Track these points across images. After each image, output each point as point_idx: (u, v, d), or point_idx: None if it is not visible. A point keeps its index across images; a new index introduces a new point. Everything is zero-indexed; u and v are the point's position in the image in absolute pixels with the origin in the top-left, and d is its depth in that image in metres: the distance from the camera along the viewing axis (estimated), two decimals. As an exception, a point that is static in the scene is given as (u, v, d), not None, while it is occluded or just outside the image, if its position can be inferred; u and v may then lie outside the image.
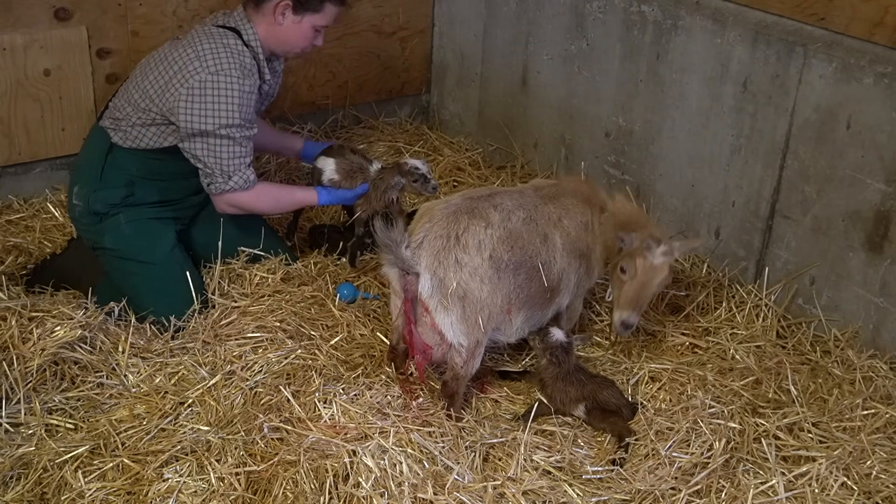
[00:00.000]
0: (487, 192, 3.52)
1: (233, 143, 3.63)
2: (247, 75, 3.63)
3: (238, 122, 3.61)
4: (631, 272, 3.41)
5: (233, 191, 3.71)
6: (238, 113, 3.60)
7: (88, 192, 3.78)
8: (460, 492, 2.91)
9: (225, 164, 3.66)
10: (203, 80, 3.56)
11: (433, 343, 3.24)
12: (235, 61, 3.60)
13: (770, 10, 3.85)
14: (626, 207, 3.58)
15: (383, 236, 3.15)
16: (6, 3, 4.21)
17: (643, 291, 3.42)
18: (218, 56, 3.59)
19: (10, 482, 3.01)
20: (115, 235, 3.78)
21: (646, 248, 3.37)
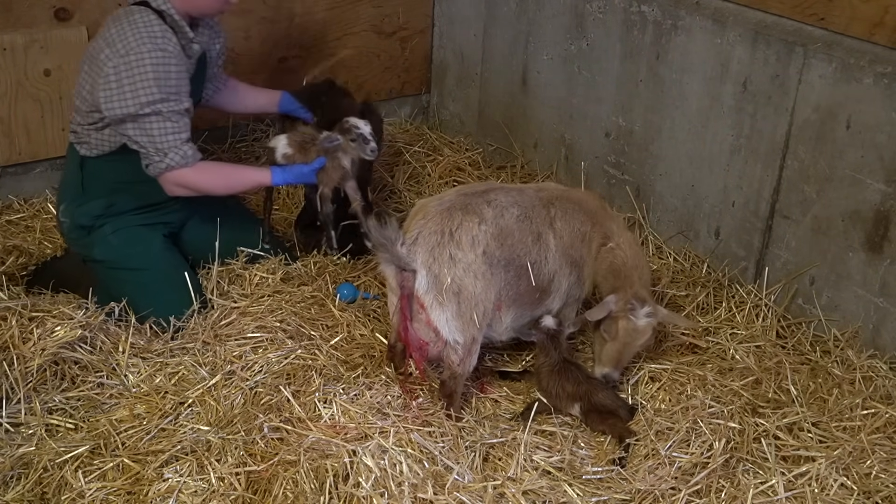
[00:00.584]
0: (483, 187, 3.52)
1: (161, 119, 3.51)
2: (160, 46, 3.49)
3: (159, 97, 3.48)
4: (612, 334, 3.42)
5: (171, 168, 3.58)
6: (156, 88, 3.46)
7: (73, 207, 3.79)
8: (460, 492, 2.91)
9: (158, 142, 3.53)
10: (115, 66, 3.46)
11: (429, 340, 3.25)
12: (143, 35, 3.47)
13: (770, 10, 3.85)
14: (626, 251, 3.53)
15: (378, 235, 3.15)
16: (6, 3, 4.21)
17: (625, 351, 3.45)
18: (124, 37, 3.48)
19: (11, 482, 3.01)
20: (104, 247, 3.76)
21: (629, 310, 3.37)
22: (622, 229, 3.62)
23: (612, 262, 3.53)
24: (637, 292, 3.41)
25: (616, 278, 3.49)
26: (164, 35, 3.52)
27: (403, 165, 5.11)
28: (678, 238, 4.35)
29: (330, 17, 5.14)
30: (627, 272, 3.49)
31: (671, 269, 4.22)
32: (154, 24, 3.52)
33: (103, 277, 3.79)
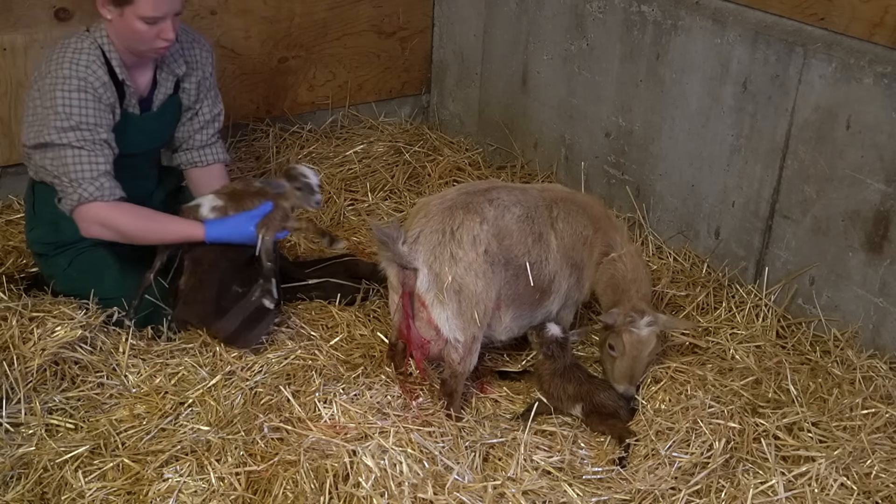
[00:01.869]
0: (486, 186, 3.52)
1: (76, 149, 3.35)
2: (78, 74, 3.36)
3: (74, 125, 3.34)
4: (619, 349, 3.41)
5: (84, 201, 3.37)
6: (73, 112, 3.33)
7: (28, 231, 3.75)
8: (460, 492, 2.91)
9: (72, 172, 3.36)
10: (37, 89, 3.40)
11: (430, 338, 3.25)
12: (64, 61, 3.36)
13: (770, 10, 3.85)
14: (627, 264, 3.53)
15: (379, 233, 3.15)
16: (6, 3, 4.21)
17: (636, 364, 3.44)
18: (50, 62, 3.39)
19: (11, 482, 3.01)
20: (65, 280, 3.65)
21: (630, 323, 3.37)
22: (626, 240, 3.61)
23: (612, 275, 3.52)
24: (635, 305, 3.42)
25: (615, 292, 3.50)
26: (89, 66, 3.40)
27: (403, 165, 5.11)
28: (678, 238, 4.35)
29: (330, 17, 5.14)
30: (626, 286, 3.49)
31: (671, 269, 4.22)
32: (83, 53, 3.40)
33: None
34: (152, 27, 3.38)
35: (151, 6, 3.34)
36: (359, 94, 5.44)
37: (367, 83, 5.44)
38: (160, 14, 3.37)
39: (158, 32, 3.40)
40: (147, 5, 3.33)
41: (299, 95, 5.23)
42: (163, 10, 3.37)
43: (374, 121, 5.48)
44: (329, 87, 5.31)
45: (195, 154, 3.90)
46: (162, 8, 3.36)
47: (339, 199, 4.70)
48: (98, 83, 3.42)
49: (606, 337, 3.48)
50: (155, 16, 3.36)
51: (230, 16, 4.79)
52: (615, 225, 3.67)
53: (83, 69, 3.39)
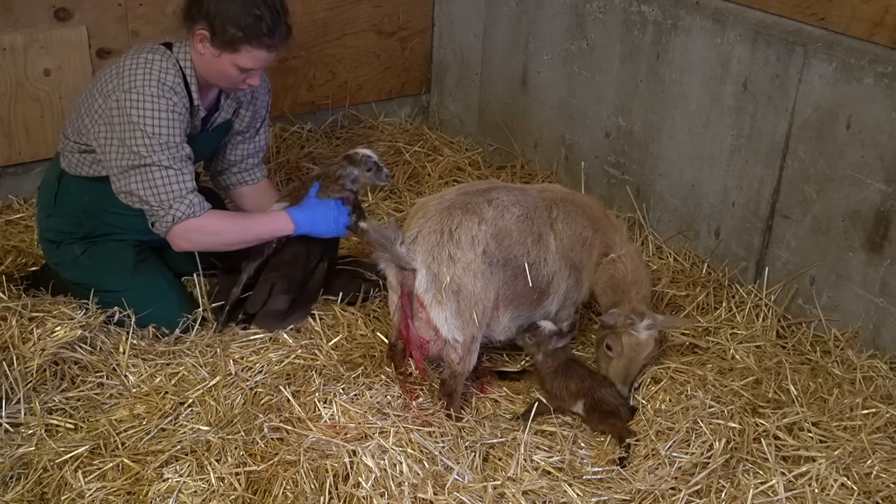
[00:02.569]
0: (485, 186, 3.52)
1: (165, 169, 3.35)
2: (166, 93, 3.35)
3: (164, 143, 3.33)
4: (617, 350, 3.41)
5: (178, 220, 3.39)
6: (163, 131, 3.33)
7: (42, 217, 3.73)
8: (460, 492, 2.91)
9: (163, 194, 3.36)
10: (116, 101, 3.35)
11: (429, 338, 3.25)
12: (154, 79, 3.34)
13: (770, 10, 3.85)
14: (627, 265, 3.53)
15: (377, 235, 3.15)
16: (6, 3, 4.21)
17: (631, 366, 3.44)
18: (134, 76, 3.34)
19: (10, 482, 3.01)
20: (76, 269, 3.65)
21: (630, 325, 3.37)
22: (625, 241, 3.61)
23: (612, 276, 3.53)
24: (635, 307, 3.42)
25: (615, 293, 3.50)
26: (175, 86, 3.40)
27: (403, 165, 5.11)
28: (678, 238, 4.35)
29: (330, 17, 5.14)
30: (626, 287, 3.49)
31: (671, 269, 4.22)
32: (168, 73, 3.39)
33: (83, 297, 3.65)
34: (245, 74, 3.45)
35: (252, 60, 3.39)
36: (359, 94, 5.44)
37: (367, 83, 5.44)
38: (256, 67, 3.44)
39: (246, 78, 3.47)
40: (248, 59, 3.38)
41: (299, 95, 5.23)
42: (260, 64, 3.44)
43: (374, 121, 5.49)
44: (329, 87, 5.31)
45: (247, 175, 3.99)
46: (261, 63, 3.43)
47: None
48: (182, 102, 3.43)
49: (604, 337, 3.48)
50: (251, 68, 3.43)
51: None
52: (614, 225, 3.67)
53: (169, 88, 3.38)
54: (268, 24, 3.33)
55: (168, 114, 3.36)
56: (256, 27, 3.32)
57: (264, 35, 3.34)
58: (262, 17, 3.32)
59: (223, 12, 3.31)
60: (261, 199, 3.97)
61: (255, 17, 3.31)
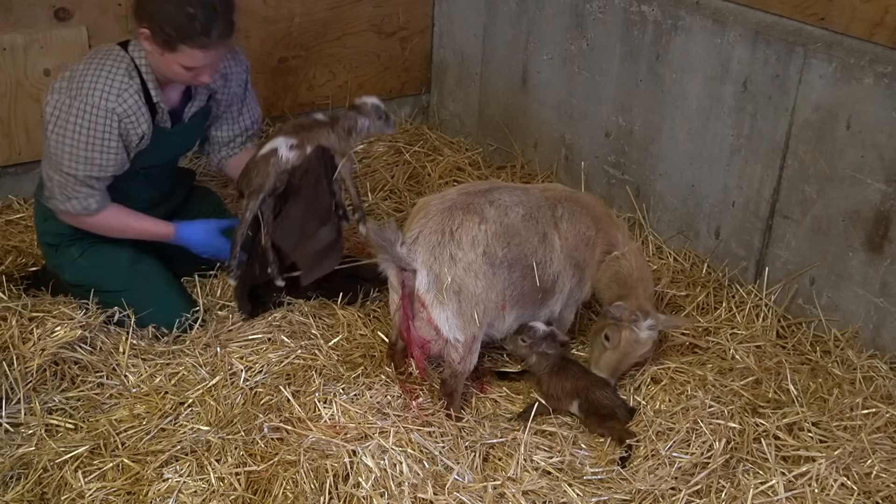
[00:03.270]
0: (486, 186, 3.52)
1: (80, 182, 3.43)
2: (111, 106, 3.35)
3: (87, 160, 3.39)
4: (614, 342, 3.41)
5: (67, 213, 3.50)
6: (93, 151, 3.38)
7: (39, 221, 3.73)
8: (460, 492, 2.91)
9: (69, 192, 3.45)
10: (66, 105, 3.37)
11: (430, 338, 3.25)
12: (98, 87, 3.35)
13: (770, 10, 3.85)
14: (632, 262, 3.54)
15: (377, 237, 3.15)
16: (6, 3, 4.21)
17: (623, 361, 3.45)
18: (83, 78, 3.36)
19: (10, 482, 3.01)
20: (75, 271, 3.66)
21: (633, 321, 3.37)
22: (627, 239, 3.62)
23: (617, 272, 3.53)
24: (641, 305, 3.42)
25: (621, 287, 3.50)
26: (121, 94, 3.38)
27: (403, 165, 5.11)
28: (678, 238, 4.35)
29: (330, 17, 5.14)
30: (633, 283, 3.50)
31: (671, 269, 4.22)
32: (116, 78, 3.38)
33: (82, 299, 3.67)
34: (191, 72, 3.41)
35: (192, 59, 3.35)
36: (359, 93, 5.39)
37: (367, 83, 5.44)
38: (198, 66, 3.39)
39: (195, 75, 3.43)
40: (188, 58, 3.34)
41: (299, 95, 5.23)
42: (201, 63, 3.39)
43: (374, 121, 5.48)
44: (329, 87, 5.31)
45: (234, 150, 3.97)
46: (201, 61, 3.38)
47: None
48: (128, 112, 3.41)
49: (604, 326, 3.47)
50: (195, 66, 3.39)
51: (230, 16, 4.79)
52: (616, 223, 3.68)
53: (114, 98, 3.37)
54: (201, 23, 3.26)
55: (105, 130, 3.38)
56: (190, 27, 3.26)
57: (198, 34, 3.27)
58: (195, 16, 3.25)
59: (159, 12, 3.27)
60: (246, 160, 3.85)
61: (188, 17, 3.25)
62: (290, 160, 3.53)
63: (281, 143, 3.55)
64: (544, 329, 3.47)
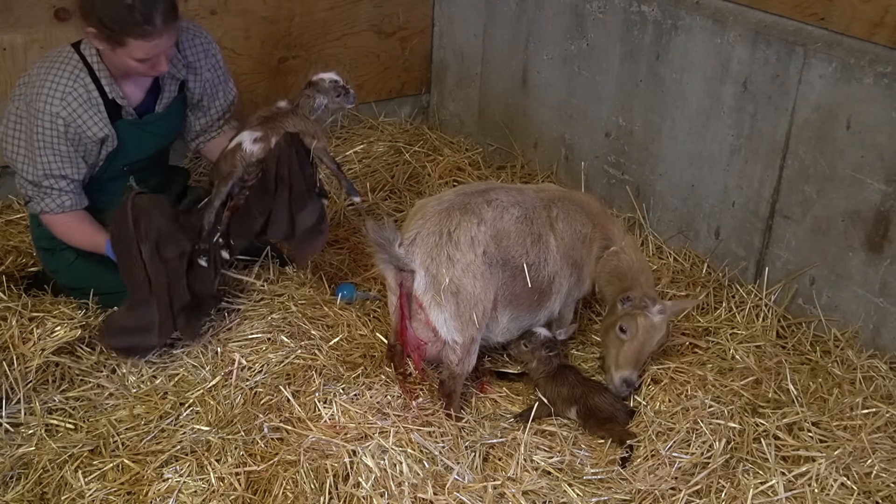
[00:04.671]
0: (483, 187, 3.53)
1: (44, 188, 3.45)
2: (55, 110, 3.34)
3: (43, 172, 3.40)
4: (632, 331, 3.40)
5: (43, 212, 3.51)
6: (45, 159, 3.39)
7: (34, 226, 3.73)
8: (460, 492, 2.91)
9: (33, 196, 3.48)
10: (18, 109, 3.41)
11: (428, 339, 3.25)
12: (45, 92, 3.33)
13: (770, 10, 3.85)
14: (631, 255, 3.55)
15: (376, 236, 3.15)
16: (6, 3, 4.21)
17: (643, 350, 3.43)
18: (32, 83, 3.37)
19: (10, 482, 3.01)
20: (71, 274, 3.66)
21: (644, 308, 3.38)
22: (623, 233, 3.64)
23: (616, 266, 3.54)
24: (647, 293, 3.43)
25: (622, 281, 3.50)
26: (65, 97, 3.35)
27: (403, 165, 5.11)
28: (678, 238, 4.35)
29: (330, 17, 5.14)
30: (634, 275, 3.50)
31: (671, 269, 4.22)
32: (62, 80, 3.36)
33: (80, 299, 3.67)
34: (145, 63, 3.36)
35: (142, 51, 3.30)
36: (359, 94, 5.36)
37: (367, 83, 5.44)
38: (150, 56, 3.34)
39: (152, 66, 3.38)
40: (138, 50, 3.29)
41: (299, 95, 5.23)
42: (153, 52, 3.33)
43: (374, 121, 5.48)
44: (329, 87, 5.30)
45: (212, 134, 3.94)
46: (152, 51, 3.32)
47: (338, 199, 4.70)
48: (74, 116, 3.38)
49: (616, 320, 3.46)
50: (147, 57, 3.34)
51: (230, 16, 4.79)
52: (612, 219, 3.71)
53: (58, 103, 3.35)
54: (141, 12, 3.21)
55: (53, 138, 3.38)
56: (131, 18, 3.21)
57: (139, 24, 3.22)
58: (133, 6, 3.20)
59: (99, 8, 3.23)
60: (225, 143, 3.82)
61: (126, 8, 3.20)
62: (255, 153, 3.51)
63: (245, 138, 3.54)
64: (545, 335, 3.47)
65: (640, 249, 3.76)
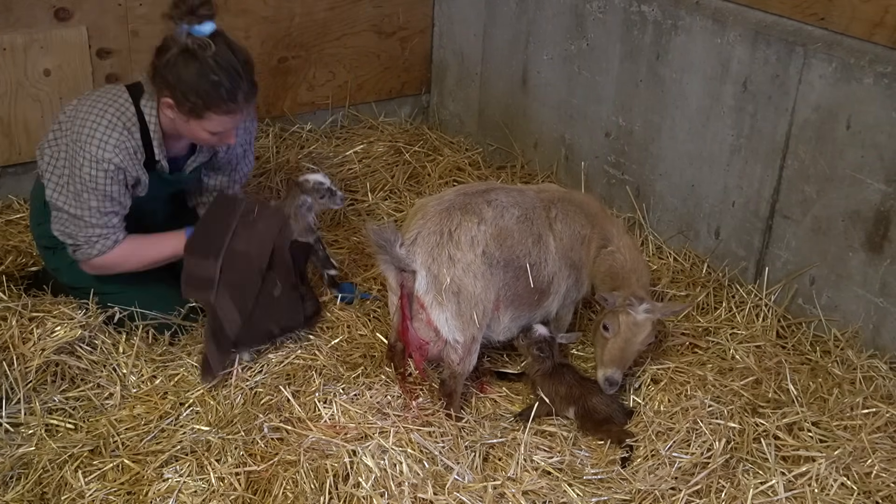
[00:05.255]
0: (483, 187, 3.53)
1: (92, 225, 3.38)
2: (107, 157, 3.29)
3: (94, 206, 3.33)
4: (614, 329, 3.40)
5: (96, 255, 3.43)
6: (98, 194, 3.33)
7: (35, 224, 3.72)
8: (460, 492, 2.91)
9: (82, 238, 3.40)
10: (68, 145, 3.34)
11: (429, 339, 3.25)
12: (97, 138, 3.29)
13: (770, 10, 3.85)
14: (626, 255, 3.55)
15: (377, 237, 3.15)
16: (6, 3, 4.21)
17: (627, 348, 3.42)
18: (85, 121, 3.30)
19: (10, 482, 3.01)
20: (72, 273, 3.62)
21: (628, 306, 3.37)
22: (621, 233, 3.63)
23: (611, 265, 3.54)
24: (635, 292, 3.42)
25: (614, 280, 3.51)
26: (118, 146, 3.31)
27: (403, 165, 5.11)
28: (678, 238, 4.35)
29: (330, 17, 5.14)
30: (626, 274, 3.50)
31: (671, 269, 4.22)
32: (115, 130, 3.32)
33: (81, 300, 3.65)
34: (217, 136, 3.39)
35: (219, 125, 3.33)
36: (359, 94, 5.44)
37: (367, 83, 5.44)
38: (225, 130, 3.38)
39: (222, 138, 3.42)
40: (215, 124, 3.32)
41: (299, 95, 5.23)
42: (228, 127, 3.37)
43: (374, 121, 5.48)
44: (329, 87, 5.31)
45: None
46: (229, 125, 3.36)
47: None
48: (125, 165, 3.36)
49: (601, 319, 3.48)
50: (222, 131, 3.38)
51: (230, 16, 4.79)
52: (610, 219, 3.71)
53: (111, 149, 3.31)
54: (227, 88, 3.24)
55: (106, 178, 3.33)
56: (215, 94, 3.23)
57: (223, 101, 3.25)
58: (219, 82, 3.22)
59: (182, 82, 3.23)
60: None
61: (212, 84, 3.22)
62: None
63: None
64: (541, 334, 3.46)
65: (639, 249, 3.75)
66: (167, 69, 3.24)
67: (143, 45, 4.55)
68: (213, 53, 3.21)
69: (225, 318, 3.35)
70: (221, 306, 3.37)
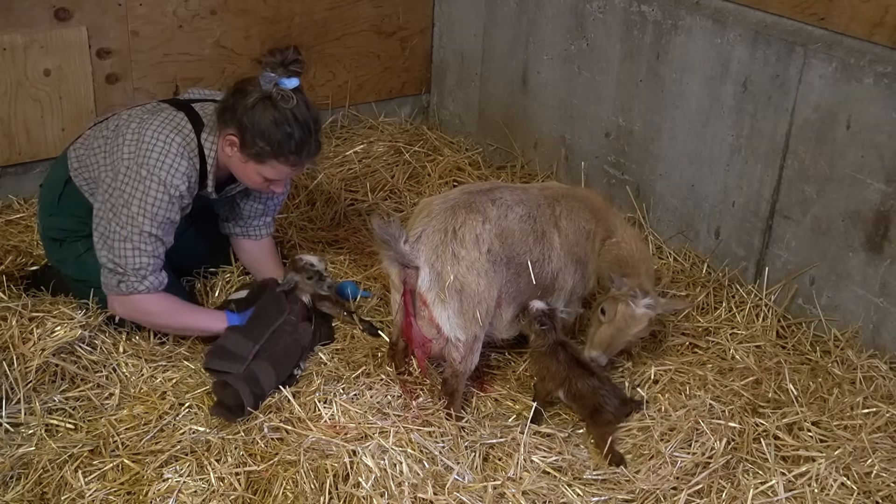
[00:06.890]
0: (488, 186, 3.54)
1: (141, 250, 3.35)
2: (175, 182, 3.33)
3: (149, 231, 3.32)
4: (610, 315, 3.40)
5: (128, 294, 3.39)
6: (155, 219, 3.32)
7: (44, 215, 3.70)
8: (460, 492, 2.91)
9: (129, 266, 3.35)
10: (129, 168, 3.32)
11: (431, 336, 3.25)
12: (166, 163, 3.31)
13: (770, 10, 3.85)
14: (632, 244, 3.55)
15: (381, 232, 3.16)
16: (6, 3, 4.21)
17: (618, 337, 3.42)
18: (151, 148, 3.31)
19: (10, 482, 3.01)
20: (79, 266, 3.62)
21: (630, 296, 3.37)
22: (625, 225, 3.65)
23: (617, 255, 3.53)
24: (642, 284, 3.42)
25: (623, 268, 3.49)
26: (186, 174, 3.35)
27: (403, 165, 5.11)
28: (678, 238, 4.35)
29: (330, 17, 5.14)
30: (634, 263, 3.50)
31: (671, 269, 4.22)
32: (184, 159, 3.35)
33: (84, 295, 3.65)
34: (269, 183, 3.44)
35: (277, 173, 3.39)
36: (359, 94, 5.44)
37: (367, 83, 5.44)
38: (280, 178, 3.43)
39: (271, 185, 3.46)
40: (273, 172, 3.38)
41: (299, 95, 5.23)
42: (284, 176, 3.43)
43: (374, 121, 5.48)
44: (329, 87, 5.31)
45: (253, 230, 3.89)
46: (285, 175, 3.43)
47: (339, 200, 4.70)
48: (186, 191, 3.39)
49: (603, 301, 3.47)
50: (277, 180, 3.43)
51: (230, 16, 4.80)
52: (614, 212, 3.71)
53: (179, 176, 3.34)
54: (297, 141, 3.30)
55: (169, 203, 3.35)
56: (286, 144, 3.30)
57: (291, 153, 3.32)
58: (292, 134, 3.29)
59: (255, 125, 3.28)
60: (258, 256, 3.92)
61: (285, 135, 3.28)
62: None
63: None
64: (539, 307, 3.42)
65: (644, 240, 3.73)
66: (243, 111, 3.29)
67: (143, 45, 4.55)
68: (293, 107, 3.28)
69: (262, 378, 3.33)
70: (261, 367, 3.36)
